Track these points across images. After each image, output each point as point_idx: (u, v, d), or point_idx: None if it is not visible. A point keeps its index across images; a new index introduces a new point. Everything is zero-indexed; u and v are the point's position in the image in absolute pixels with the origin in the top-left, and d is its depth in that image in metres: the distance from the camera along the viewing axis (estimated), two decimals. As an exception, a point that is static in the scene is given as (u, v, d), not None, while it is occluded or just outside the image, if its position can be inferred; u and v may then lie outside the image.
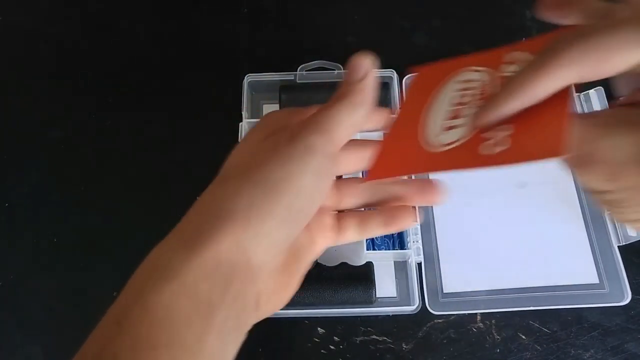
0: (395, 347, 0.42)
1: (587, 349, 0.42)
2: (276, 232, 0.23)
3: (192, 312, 0.21)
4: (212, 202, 0.24)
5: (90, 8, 0.59)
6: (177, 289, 0.21)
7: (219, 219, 0.23)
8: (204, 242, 0.22)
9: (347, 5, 0.57)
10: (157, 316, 0.21)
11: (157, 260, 0.23)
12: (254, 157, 0.24)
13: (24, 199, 0.49)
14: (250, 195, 0.23)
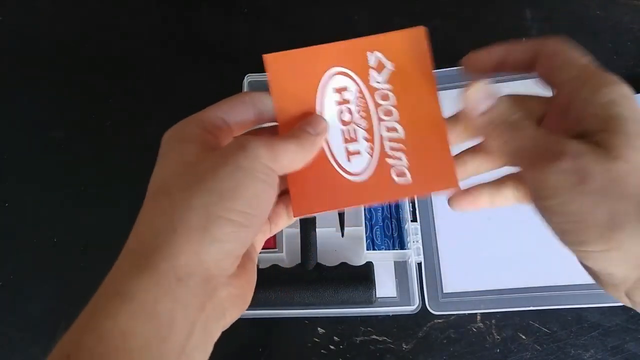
0: (395, 347, 0.42)
1: (587, 349, 0.42)
2: (233, 238, 0.23)
3: (152, 336, 0.20)
4: (161, 217, 0.23)
5: (90, 8, 0.59)
6: (135, 311, 0.20)
7: (173, 233, 0.22)
8: (159, 259, 0.21)
9: (347, 5, 0.57)
10: (112, 345, 0.20)
11: (111, 285, 0.22)
12: (197, 169, 0.24)
13: (24, 199, 0.49)
14: (204, 204, 0.22)
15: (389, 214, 0.47)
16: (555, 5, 0.56)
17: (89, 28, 0.57)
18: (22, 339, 0.44)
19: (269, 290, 0.42)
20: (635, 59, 0.52)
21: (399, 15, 0.56)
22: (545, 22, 0.55)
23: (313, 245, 0.43)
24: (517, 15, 0.56)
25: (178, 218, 0.22)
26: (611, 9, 0.55)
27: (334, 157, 0.27)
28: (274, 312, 0.42)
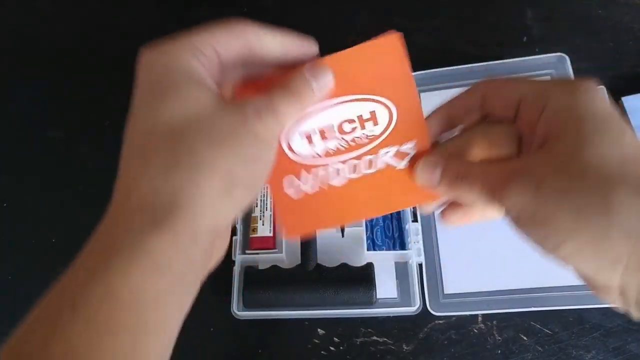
0: (395, 349, 0.42)
1: (589, 349, 0.41)
2: (246, 203, 0.24)
3: (161, 293, 0.20)
4: (182, 172, 0.22)
5: (90, 8, 0.59)
6: (148, 268, 0.20)
7: (196, 193, 0.22)
8: (179, 218, 0.21)
9: (347, 5, 0.57)
10: (122, 299, 0.19)
11: (120, 233, 0.21)
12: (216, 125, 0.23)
13: (24, 199, 0.49)
14: (229, 169, 0.22)
15: (390, 214, 0.47)
16: (555, 5, 0.56)
17: (89, 28, 0.57)
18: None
19: (269, 291, 0.41)
20: (635, 59, 0.52)
21: (399, 15, 0.56)
22: (546, 22, 0.55)
23: (313, 246, 0.43)
24: (517, 15, 0.55)
25: (203, 177, 0.22)
26: (611, 8, 0.55)
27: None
28: (274, 313, 0.42)
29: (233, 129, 0.23)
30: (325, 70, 0.28)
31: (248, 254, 0.44)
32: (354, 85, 0.26)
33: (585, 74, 0.51)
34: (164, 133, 0.23)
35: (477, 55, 0.51)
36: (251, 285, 0.42)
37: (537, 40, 0.54)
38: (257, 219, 0.45)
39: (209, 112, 0.23)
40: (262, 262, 0.45)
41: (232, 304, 0.41)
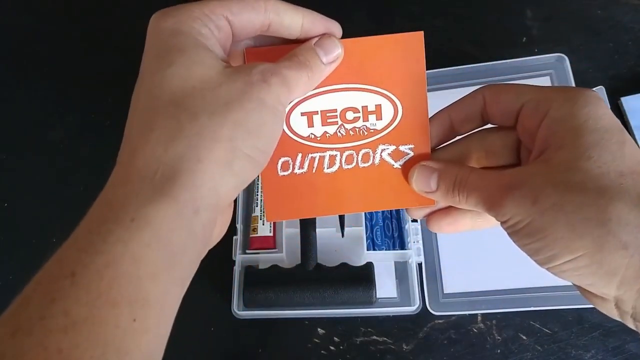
0: (395, 348, 0.42)
1: (588, 349, 0.42)
2: (250, 175, 0.23)
3: (161, 265, 0.20)
4: (183, 140, 0.21)
5: (89, 8, 0.59)
6: (149, 239, 0.20)
7: (197, 162, 0.21)
8: (180, 188, 0.21)
9: (347, 5, 0.57)
10: (123, 270, 0.19)
11: (120, 203, 0.21)
12: (221, 92, 0.23)
13: (24, 199, 0.49)
14: (232, 137, 0.22)
15: (389, 214, 0.47)
16: (555, 5, 0.56)
17: (89, 28, 0.57)
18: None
19: (269, 291, 0.41)
20: (635, 59, 0.52)
21: (399, 15, 0.56)
22: (546, 22, 0.55)
23: (313, 245, 0.43)
24: (518, 15, 0.55)
25: (204, 147, 0.21)
26: (611, 9, 0.55)
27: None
28: (274, 312, 0.42)
29: (237, 94, 0.23)
30: (335, 42, 0.27)
31: (248, 253, 0.44)
32: (366, 74, 0.26)
33: (584, 74, 0.51)
34: (167, 99, 0.23)
35: (477, 56, 0.51)
36: (251, 284, 0.42)
37: (537, 41, 0.54)
38: (258, 218, 0.45)
39: (214, 78, 0.23)
40: (262, 261, 0.45)
41: (233, 303, 0.42)
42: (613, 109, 0.48)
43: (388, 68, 0.26)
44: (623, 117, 0.49)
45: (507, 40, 0.54)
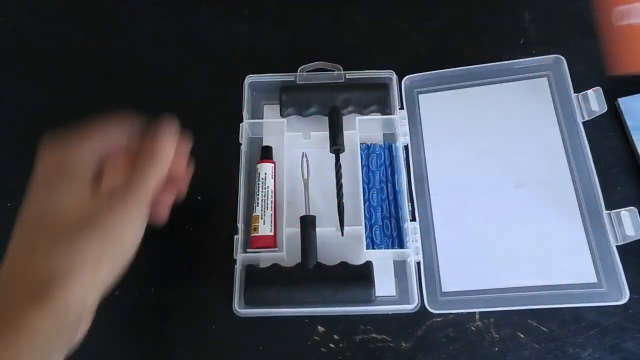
0: (394, 346, 0.43)
1: (585, 347, 0.42)
2: (111, 278, 0.29)
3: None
4: (59, 255, 0.27)
5: (91, 9, 0.59)
6: (25, 342, 0.24)
7: (70, 271, 0.26)
8: (55, 292, 0.25)
9: (347, 5, 0.58)
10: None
11: (6, 310, 0.25)
12: (90, 214, 0.29)
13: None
14: (100, 250, 0.28)
15: (389, 213, 0.47)
16: (553, 7, 0.56)
17: (89, 28, 0.58)
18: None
19: (269, 289, 0.42)
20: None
21: (398, 16, 0.57)
22: (543, 23, 0.55)
23: (313, 244, 0.44)
24: (516, 16, 0.56)
25: (75, 260, 0.27)
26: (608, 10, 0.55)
27: None
28: (275, 310, 0.43)
29: (101, 214, 0.29)
30: (163, 131, 0.34)
31: (249, 252, 0.45)
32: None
33: (582, 75, 0.51)
34: (48, 222, 0.28)
35: (474, 57, 0.52)
36: (252, 283, 0.42)
37: (534, 42, 0.54)
38: (259, 218, 0.45)
39: (85, 204, 0.29)
40: (263, 260, 0.45)
41: (234, 302, 0.42)
42: (611, 109, 0.49)
43: None
44: (620, 117, 0.50)
45: (504, 41, 0.55)
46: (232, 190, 0.47)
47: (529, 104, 0.50)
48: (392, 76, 0.50)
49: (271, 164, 0.48)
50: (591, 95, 0.48)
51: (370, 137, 0.51)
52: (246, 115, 0.49)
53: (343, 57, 0.51)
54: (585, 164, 0.46)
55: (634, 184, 0.48)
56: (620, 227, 0.43)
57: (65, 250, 0.27)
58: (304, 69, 0.50)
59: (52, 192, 0.30)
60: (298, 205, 0.46)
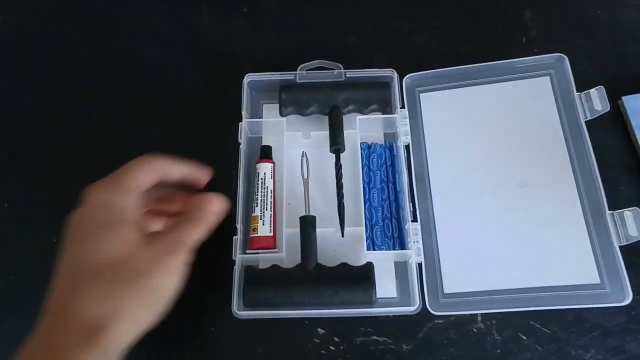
0: (395, 348, 0.42)
1: (588, 349, 0.42)
2: (149, 324, 0.32)
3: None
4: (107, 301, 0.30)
5: (90, 8, 0.59)
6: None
7: (116, 318, 0.30)
8: (102, 337, 0.29)
9: (347, 5, 0.57)
10: None
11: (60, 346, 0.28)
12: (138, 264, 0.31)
13: (24, 199, 0.49)
14: (141, 301, 0.31)
15: (389, 213, 0.47)
16: (555, 5, 0.56)
17: (88, 28, 0.57)
18: (22, 339, 0.44)
19: (269, 291, 0.41)
20: (635, 59, 0.52)
21: (398, 15, 0.57)
22: (545, 22, 0.55)
23: (313, 245, 0.43)
24: (517, 15, 0.56)
25: (121, 309, 0.30)
26: (611, 9, 0.55)
27: None
28: (274, 312, 0.42)
29: (148, 266, 0.31)
30: (217, 198, 0.37)
31: (248, 253, 0.44)
32: None
33: (584, 74, 0.51)
34: (94, 269, 0.31)
35: (476, 56, 0.51)
36: (251, 284, 0.42)
37: (537, 41, 0.54)
38: (258, 218, 0.45)
39: (132, 251, 0.32)
40: (262, 261, 0.45)
41: (233, 303, 0.42)
42: (613, 108, 0.49)
43: None
44: (623, 116, 0.49)
45: (506, 40, 0.54)
46: (231, 191, 0.47)
47: (531, 103, 0.50)
48: (393, 75, 0.50)
49: (270, 164, 0.48)
50: (594, 94, 0.47)
51: (370, 136, 0.50)
52: (245, 114, 0.49)
53: (343, 56, 0.51)
54: (588, 164, 0.46)
55: (637, 184, 0.47)
56: (623, 227, 0.43)
57: (112, 298, 0.30)
58: (304, 68, 0.50)
59: (100, 238, 0.32)
60: (298, 205, 0.46)
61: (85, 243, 0.32)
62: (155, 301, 0.32)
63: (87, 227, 0.33)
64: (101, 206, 0.33)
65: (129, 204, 0.33)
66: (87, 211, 0.34)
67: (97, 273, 0.31)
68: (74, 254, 0.32)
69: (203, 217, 0.35)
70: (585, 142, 0.46)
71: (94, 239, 0.32)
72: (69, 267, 0.32)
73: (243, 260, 0.44)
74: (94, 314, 0.29)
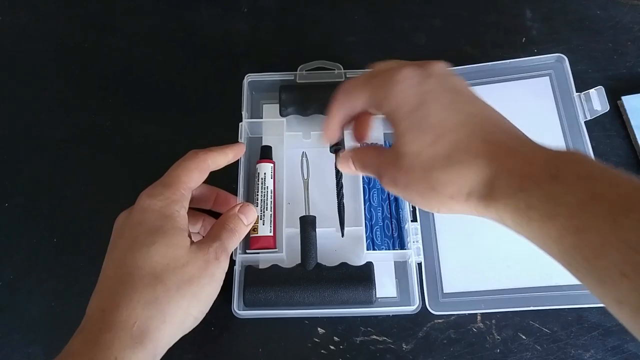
0: (395, 348, 0.42)
1: (588, 349, 0.42)
2: (190, 328, 0.34)
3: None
4: (155, 305, 0.31)
5: (90, 8, 0.59)
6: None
7: (164, 322, 0.31)
8: (149, 340, 0.30)
9: (347, 5, 0.57)
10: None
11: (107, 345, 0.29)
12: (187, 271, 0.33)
13: (24, 199, 0.49)
14: (187, 305, 0.32)
15: (389, 213, 0.47)
16: (555, 5, 0.56)
17: (89, 28, 0.57)
18: (22, 339, 0.44)
19: (269, 290, 0.41)
20: (635, 59, 0.52)
21: (398, 15, 0.57)
22: (545, 22, 0.55)
23: (313, 245, 0.43)
24: (517, 15, 0.56)
25: (169, 313, 0.31)
26: (611, 8, 0.55)
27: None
28: (275, 312, 0.42)
29: (197, 272, 0.33)
30: (252, 209, 0.39)
31: (248, 253, 0.44)
32: None
33: (584, 74, 0.51)
34: (148, 271, 0.32)
35: (476, 56, 0.51)
36: (251, 284, 0.42)
37: (536, 41, 0.54)
38: (258, 218, 0.45)
39: (183, 257, 0.33)
40: (262, 261, 0.45)
41: (233, 303, 0.42)
42: (613, 108, 0.49)
43: None
44: (623, 116, 0.49)
45: (506, 40, 0.54)
46: (231, 191, 0.47)
47: (531, 103, 0.50)
48: (393, 75, 0.50)
49: (271, 164, 0.48)
50: (593, 94, 0.47)
51: (371, 136, 0.50)
52: (245, 114, 0.49)
53: (343, 56, 0.51)
54: (588, 164, 0.46)
55: (637, 183, 0.47)
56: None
57: (162, 301, 0.31)
58: (304, 68, 0.50)
59: (154, 244, 0.32)
60: (298, 205, 0.46)
61: (136, 248, 0.33)
62: (200, 307, 0.34)
63: (140, 231, 0.33)
64: (153, 212, 0.34)
65: (179, 211, 0.35)
66: (139, 216, 0.34)
67: (147, 277, 0.31)
68: (124, 257, 0.33)
69: (241, 228, 0.38)
70: (585, 142, 0.46)
71: (147, 243, 0.32)
72: (119, 269, 0.32)
73: (243, 260, 0.44)
74: (142, 317, 0.30)
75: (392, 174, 0.30)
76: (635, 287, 0.20)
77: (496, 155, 0.27)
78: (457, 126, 0.28)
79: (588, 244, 0.22)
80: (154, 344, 0.30)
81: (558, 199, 0.24)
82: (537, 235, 0.26)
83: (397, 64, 0.32)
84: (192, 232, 0.44)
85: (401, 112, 0.30)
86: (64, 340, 0.32)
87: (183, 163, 0.37)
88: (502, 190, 0.26)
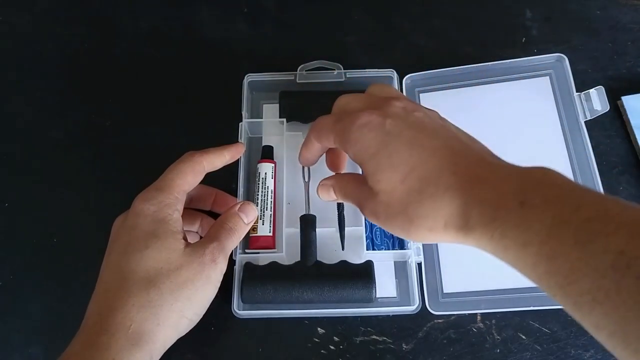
0: (395, 347, 0.42)
1: (587, 349, 0.42)
2: (186, 329, 0.35)
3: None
4: (150, 308, 0.32)
5: (90, 8, 0.59)
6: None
7: (158, 325, 0.32)
8: (146, 342, 0.31)
9: (347, 5, 0.57)
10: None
11: (104, 347, 0.30)
12: (181, 274, 0.33)
13: (24, 199, 0.49)
14: (182, 309, 0.33)
15: (389, 214, 0.47)
16: (555, 5, 0.56)
17: (89, 28, 0.57)
18: (22, 339, 0.44)
19: (267, 286, 0.41)
20: (635, 59, 0.52)
21: (398, 15, 0.57)
22: (545, 22, 0.55)
23: (313, 242, 0.43)
24: (517, 15, 0.56)
25: (163, 315, 0.32)
26: (611, 9, 0.55)
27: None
28: (274, 312, 0.42)
29: (192, 275, 0.33)
30: (252, 208, 0.39)
31: (248, 253, 0.44)
32: None
33: (584, 74, 0.51)
34: (142, 275, 0.32)
35: (476, 56, 0.51)
36: (250, 280, 0.42)
37: (536, 41, 0.54)
38: (257, 218, 0.45)
39: (177, 260, 0.33)
40: (262, 261, 0.45)
41: (233, 303, 0.42)
42: (613, 108, 0.49)
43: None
44: (623, 116, 0.49)
45: (506, 40, 0.54)
46: (232, 190, 0.47)
47: (531, 103, 0.50)
48: (393, 75, 0.50)
49: (272, 164, 0.48)
50: (593, 94, 0.47)
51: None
52: (245, 114, 0.49)
53: (343, 56, 0.51)
54: (588, 164, 0.46)
55: (637, 183, 0.47)
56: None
57: (156, 305, 0.32)
58: (304, 68, 0.50)
59: (147, 248, 0.33)
60: (298, 205, 0.46)
61: (130, 252, 0.33)
62: (195, 309, 0.34)
63: (134, 236, 0.34)
64: (147, 217, 0.34)
65: (172, 214, 0.35)
66: (133, 221, 0.35)
67: (141, 281, 0.32)
68: (119, 261, 0.33)
69: (241, 227, 0.38)
70: (585, 142, 0.46)
71: (141, 248, 0.33)
72: (115, 273, 0.33)
73: (243, 260, 0.44)
74: (136, 320, 0.31)
75: (372, 207, 0.31)
76: (607, 312, 0.21)
77: (465, 186, 0.27)
78: (423, 162, 0.29)
79: (560, 270, 0.23)
80: (150, 345, 0.31)
81: (528, 227, 0.24)
82: (514, 262, 0.26)
83: (357, 102, 0.34)
84: (190, 232, 0.44)
85: (366, 154, 0.31)
86: (64, 341, 0.32)
87: (177, 166, 0.37)
88: (476, 220, 0.27)
